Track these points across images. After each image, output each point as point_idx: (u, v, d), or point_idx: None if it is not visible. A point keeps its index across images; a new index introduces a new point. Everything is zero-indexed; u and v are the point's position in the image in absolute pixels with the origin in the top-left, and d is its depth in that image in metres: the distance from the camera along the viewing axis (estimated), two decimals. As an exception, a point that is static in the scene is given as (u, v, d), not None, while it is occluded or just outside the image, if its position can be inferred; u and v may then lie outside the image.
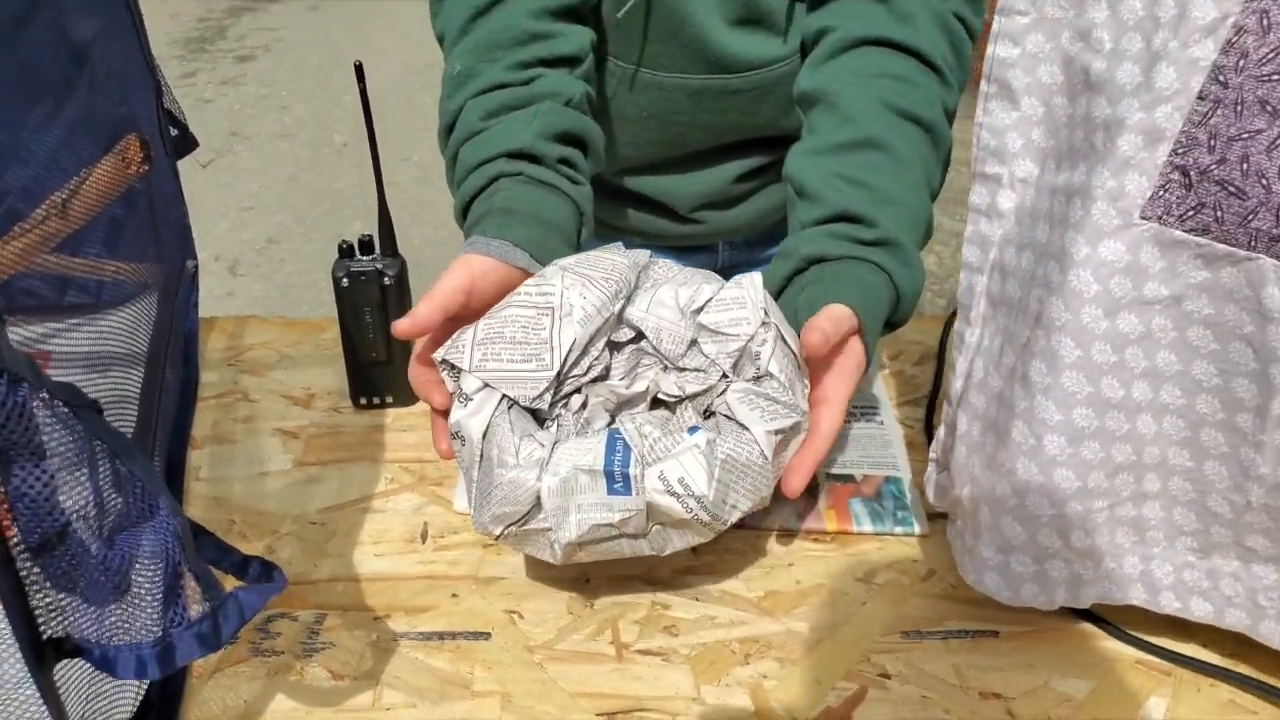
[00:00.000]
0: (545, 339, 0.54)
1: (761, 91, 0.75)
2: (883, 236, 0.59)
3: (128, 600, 0.38)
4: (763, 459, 0.51)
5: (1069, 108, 0.49)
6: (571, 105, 0.66)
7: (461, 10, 0.67)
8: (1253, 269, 0.44)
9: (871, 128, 0.62)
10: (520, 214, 0.62)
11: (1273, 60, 0.42)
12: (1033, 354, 0.48)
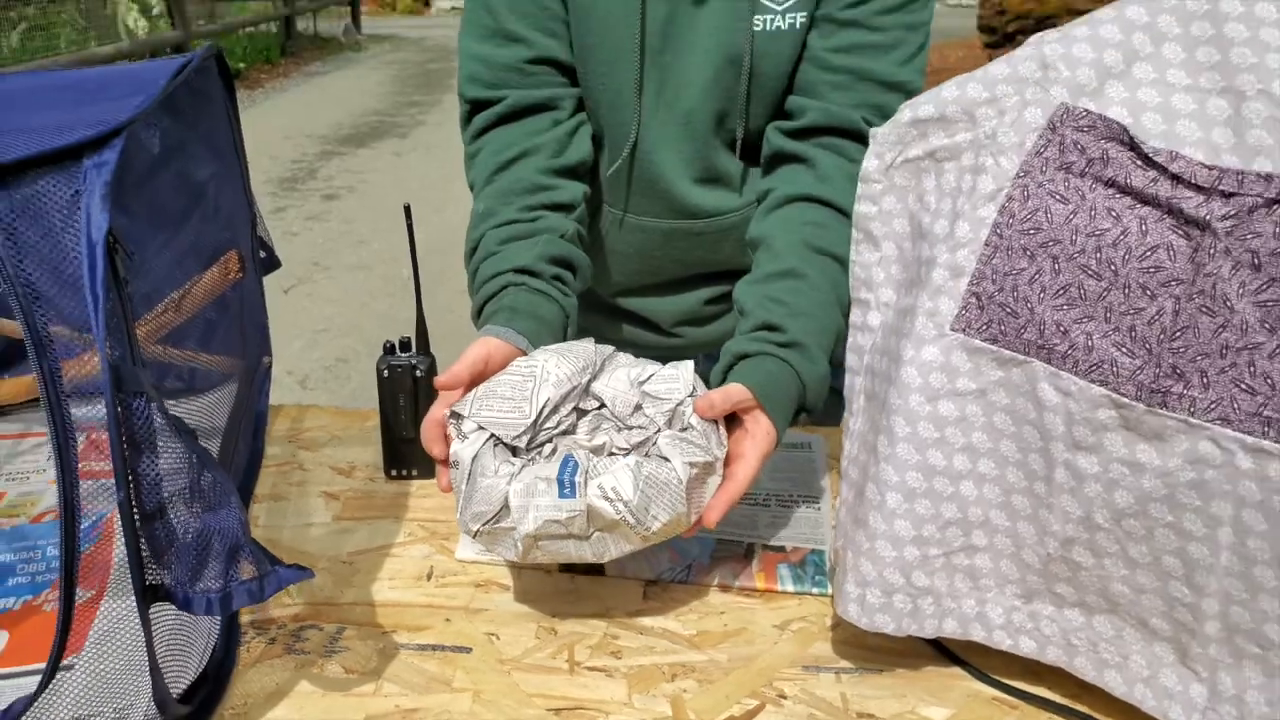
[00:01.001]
0: (527, 396, 0.72)
1: (721, 234, 0.94)
2: (791, 340, 0.76)
3: (203, 560, 0.55)
4: (678, 482, 0.67)
5: (913, 250, 0.66)
6: (565, 238, 0.86)
7: (488, 166, 0.89)
8: (1028, 369, 0.60)
9: (793, 262, 0.80)
10: (522, 312, 0.81)
11: (1030, 220, 0.59)
12: (879, 430, 0.64)
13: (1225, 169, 0.53)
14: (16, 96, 0.74)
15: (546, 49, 0.89)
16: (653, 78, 0.88)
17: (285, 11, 10.19)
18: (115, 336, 0.52)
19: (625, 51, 0.87)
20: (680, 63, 0.87)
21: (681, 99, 0.89)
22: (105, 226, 0.52)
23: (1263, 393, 0.53)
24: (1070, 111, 0.59)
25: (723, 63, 0.86)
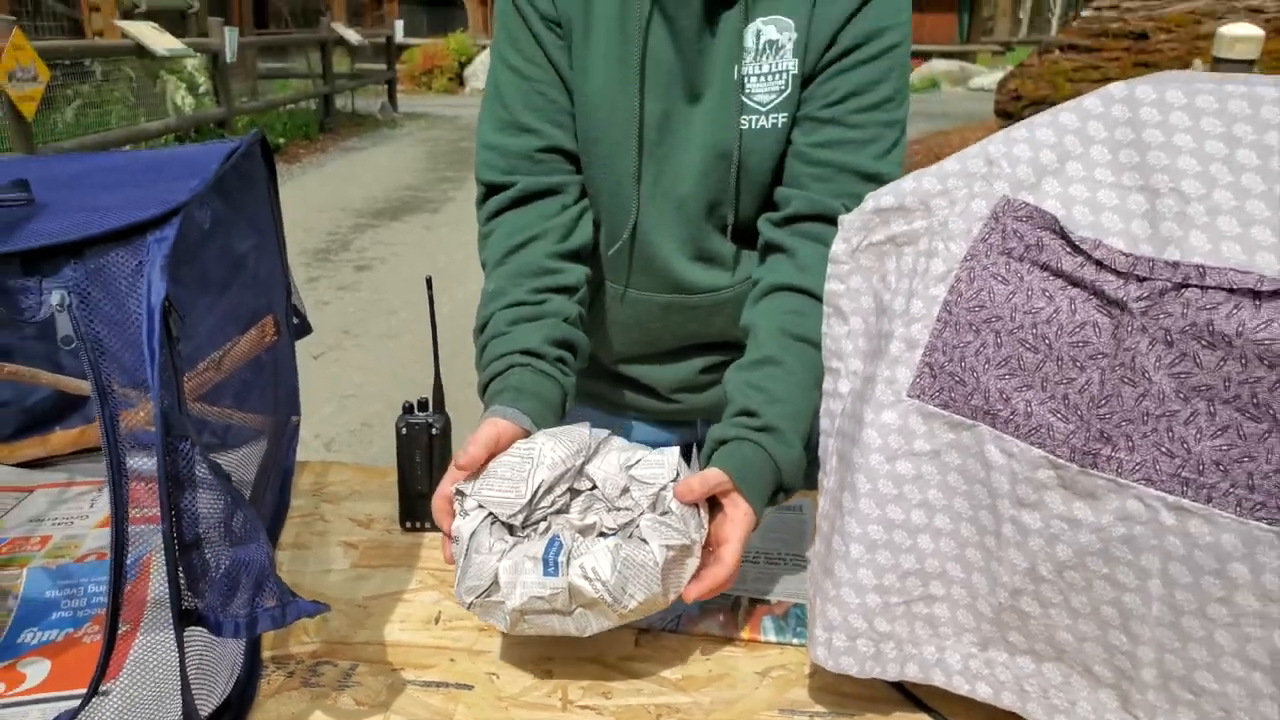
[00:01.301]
0: (524, 477, 0.78)
1: (714, 309, 1.02)
2: (766, 424, 0.83)
3: (233, 589, 0.62)
4: (654, 564, 0.73)
5: (876, 324, 0.73)
6: (568, 322, 0.93)
7: (500, 248, 0.97)
8: (976, 433, 0.66)
9: (772, 349, 0.87)
10: (527, 393, 0.88)
11: (976, 298, 0.66)
12: (844, 487, 0.70)
13: (1140, 257, 0.61)
14: (86, 176, 0.83)
15: (555, 139, 0.97)
16: (650, 169, 0.97)
17: (325, 90, 10.58)
18: (166, 387, 0.60)
19: (625, 144, 0.96)
20: (675, 155, 0.96)
21: (676, 188, 0.97)
22: (163, 293, 0.60)
23: (1180, 455, 0.59)
24: (1011, 203, 0.66)
25: (713, 157, 0.95)
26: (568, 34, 0.95)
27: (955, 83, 17.17)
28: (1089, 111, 0.66)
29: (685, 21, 0.92)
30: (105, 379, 0.60)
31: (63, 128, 6.55)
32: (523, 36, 0.96)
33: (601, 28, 0.93)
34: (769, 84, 0.92)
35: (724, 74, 0.92)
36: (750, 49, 0.92)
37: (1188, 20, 4.14)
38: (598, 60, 0.94)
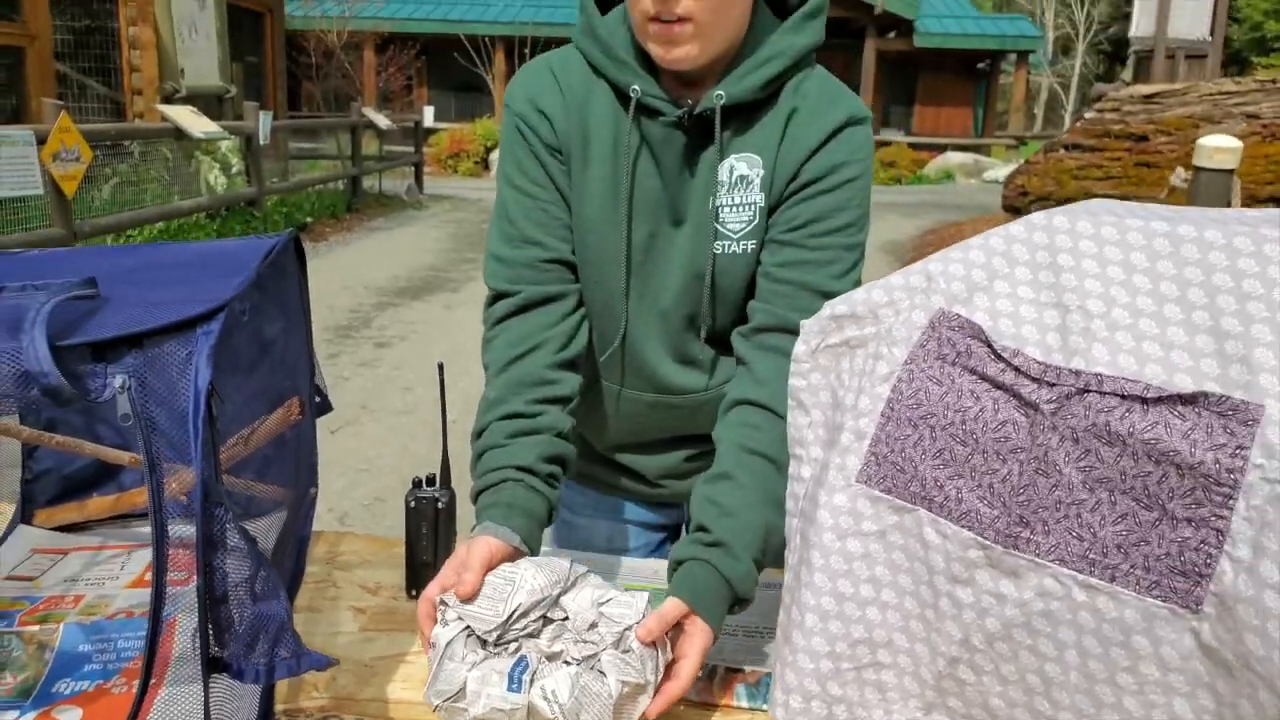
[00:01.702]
0: (504, 598, 0.85)
1: (696, 408, 1.12)
2: (716, 540, 0.90)
3: (254, 639, 0.70)
4: (609, 696, 0.80)
5: (834, 417, 0.82)
6: (560, 436, 1.01)
7: (503, 355, 1.05)
8: (915, 516, 0.74)
9: (728, 464, 0.95)
10: (518, 509, 0.95)
11: (914, 397, 0.75)
12: (802, 562, 0.79)
13: (1050, 365, 0.70)
14: (143, 271, 0.94)
15: (558, 251, 1.07)
16: (636, 285, 1.07)
17: (353, 172, 10.93)
18: (207, 460, 0.70)
19: (615, 264, 1.06)
20: (658, 273, 1.07)
21: (659, 301, 1.08)
22: (208, 379, 0.70)
23: (1087, 539, 0.67)
24: (946, 315, 0.76)
25: (691, 277, 1.05)
26: (567, 160, 1.06)
27: (970, 175, 17.49)
28: (1014, 237, 0.76)
29: (669, 157, 1.02)
30: (155, 451, 0.69)
31: (100, 204, 6.79)
32: (527, 160, 1.06)
33: (597, 159, 1.04)
34: (739, 214, 1.02)
35: (700, 203, 1.03)
36: (724, 182, 1.02)
37: (1186, 124, 4.30)
38: (593, 187, 1.05)
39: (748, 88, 0.99)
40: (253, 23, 11.78)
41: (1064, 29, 30.39)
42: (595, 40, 1.03)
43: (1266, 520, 0.61)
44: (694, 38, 0.94)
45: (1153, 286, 0.69)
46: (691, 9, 0.92)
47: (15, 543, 1.20)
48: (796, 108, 1.01)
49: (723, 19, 0.95)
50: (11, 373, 0.65)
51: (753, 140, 1.02)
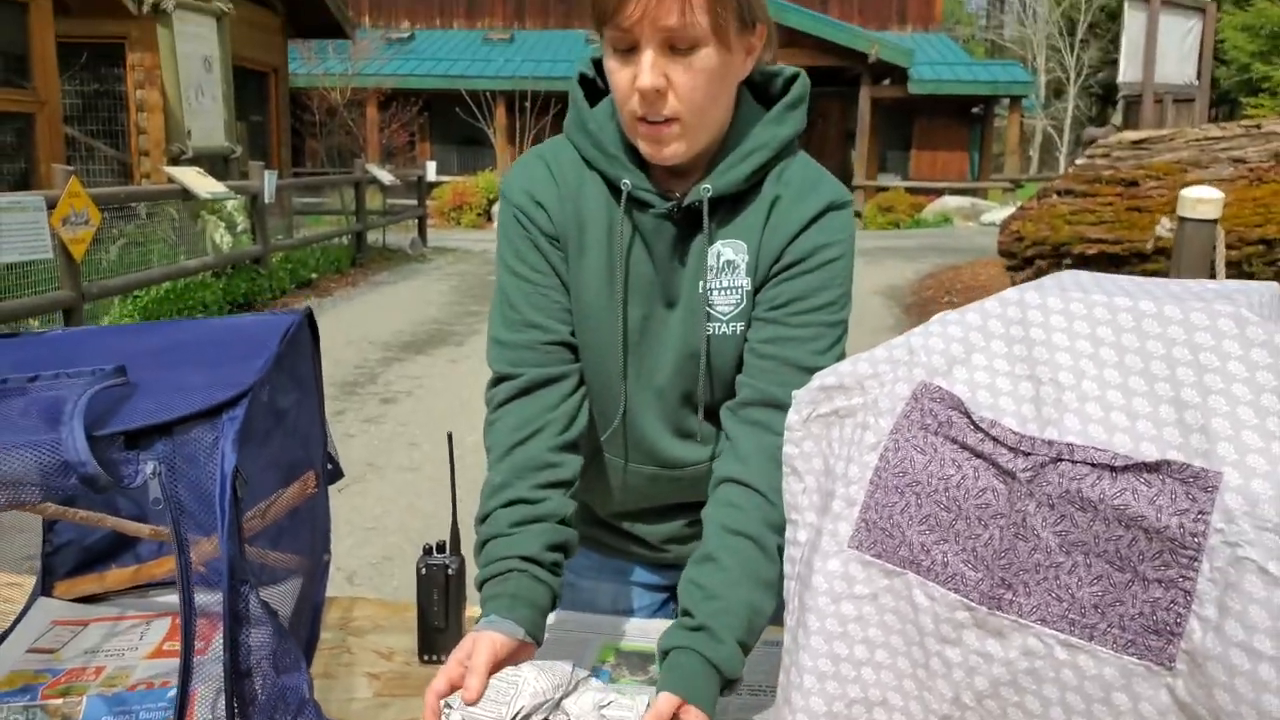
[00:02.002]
0: (507, 701, 0.88)
1: (694, 480, 1.16)
2: (699, 624, 0.93)
3: (275, 710, 0.74)
4: None
5: (826, 484, 0.86)
6: (563, 523, 1.05)
7: (506, 439, 1.08)
8: (905, 579, 0.78)
9: (711, 546, 0.99)
10: (522, 600, 0.97)
11: (900, 466, 0.79)
12: (800, 624, 0.82)
13: (1025, 435, 0.74)
14: (167, 352, 0.99)
15: (559, 334, 1.10)
16: (633, 364, 1.12)
17: (358, 227, 11.07)
18: (232, 539, 0.74)
19: (613, 347, 1.11)
20: (654, 353, 1.11)
21: (656, 379, 1.12)
22: (234, 463, 0.75)
23: (1066, 599, 0.71)
24: (927, 387, 0.80)
25: (685, 356, 1.10)
26: (564, 247, 1.11)
27: (967, 218, 17.65)
28: (989, 312, 0.81)
29: (660, 245, 1.08)
30: (183, 532, 0.74)
31: (107, 265, 6.89)
32: (526, 248, 1.11)
33: (592, 247, 1.09)
34: (728, 297, 1.08)
35: (691, 287, 1.08)
36: (712, 267, 1.07)
37: (1174, 169, 4.38)
38: (589, 274, 1.10)
39: (733, 180, 1.05)
40: (257, 83, 12.01)
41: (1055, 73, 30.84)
42: (586, 134, 1.09)
43: (1229, 581, 0.65)
44: (681, 136, 1.00)
45: (1118, 359, 0.73)
46: (678, 109, 0.98)
47: (36, 615, 1.23)
48: (779, 195, 1.07)
49: (707, 117, 1.01)
50: (52, 463, 0.69)
51: (738, 227, 1.07)
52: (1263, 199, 3.96)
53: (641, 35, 0.95)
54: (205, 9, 8.65)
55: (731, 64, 1.00)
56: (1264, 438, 0.67)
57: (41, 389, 0.81)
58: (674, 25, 0.94)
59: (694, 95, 0.98)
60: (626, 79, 0.98)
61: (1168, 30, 8.00)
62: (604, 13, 0.96)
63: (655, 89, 0.96)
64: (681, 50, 0.96)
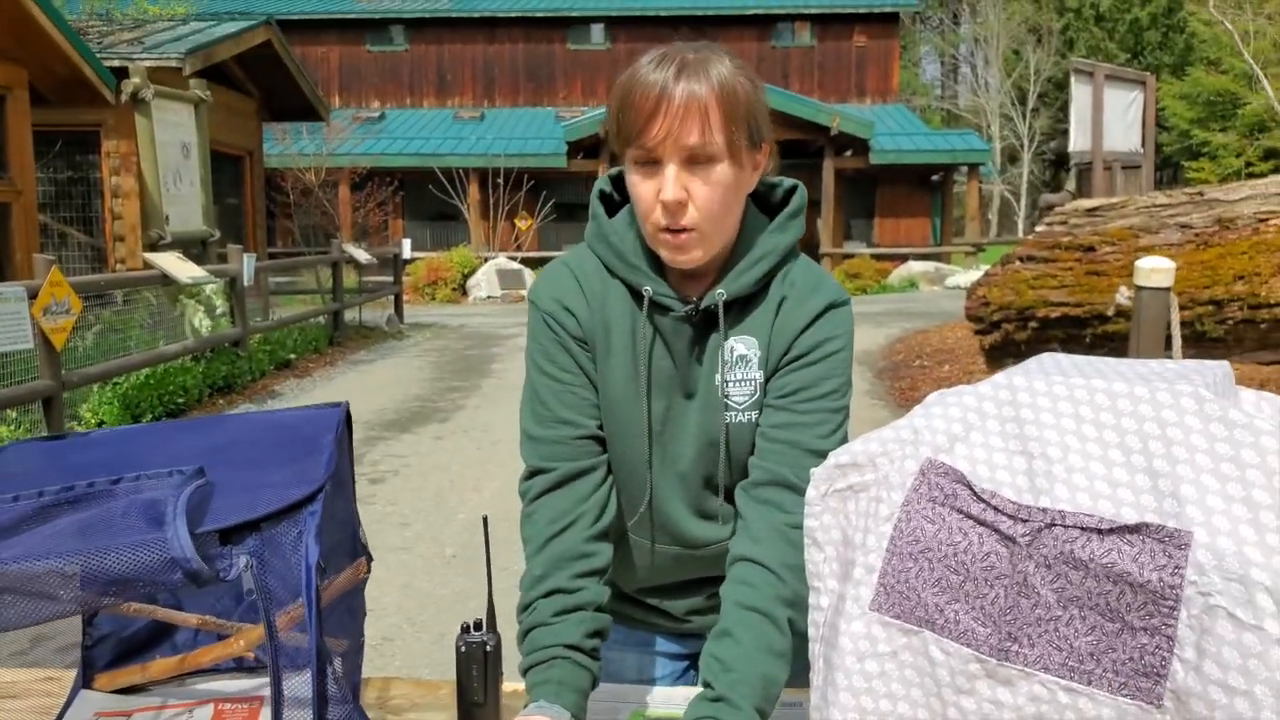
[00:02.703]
0: None
1: (715, 557, 1.24)
2: (719, 695, 1.02)
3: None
4: None
5: (846, 553, 0.96)
6: (600, 610, 1.13)
7: (543, 531, 1.16)
8: (921, 637, 0.87)
9: (728, 622, 1.08)
10: (568, 685, 1.06)
11: (912, 535, 0.89)
12: (828, 682, 0.91)
13: (1021, 504, 0.84)
14: (226, 450, 1.06)
15: (588, 428, 1.20)
16: (657, 452, 1.22)
17: (335, 306, 11.15)
18: (318, 626, 0.82)
19: (638, 438, 1.21)
20: (676, 441, 1.22)
21: (678, 465, 1.23)
22: (316, 555, 0.83)
23: (1065, 649, 0.80)
24: (933, 463, 0.91)
25: (705, 444, 1.21)
26: (592, 349, 1.21)
27: (932, 282, 18.04)
28: (983, 395, 0.92)
29: (679, 343, 1.19)
30: (272, 618, 0.81)
31: (83, 352, 6.90)
32: (556, 351, 1.21)
33: (617, 348, 1.20)
34: (742, 389, 1.18)
35: (707, 381, 1.19)
36: (727, 361, 1.18)
37: (1127, 235, 4.59)
38: (615, 372, 1.20)
39: (744, 284, 1.17)
40: (233, 167, 12.18)
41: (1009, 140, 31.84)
42: (608, 245, 1.20)
43: (1205, 627, 0.74)
44: (699, 243, 1.11)
45: (1098, 435, 0.84)
46: (696, 219, 1.09)
47: (80, 708, 1.28)
48: (785, 296, 1.19)
49: (722, 225, 1.13)
50: (160, 560, 0.77)
51: (749, 325, 1.19)
52: (1209, 262, 4.17)
53: (664, 153, 1.07)
54: (184, 97, 8.83)
55: (742, 178, 1.12)
56: (1225, 501, 0.77)
57: (127, 490, 0.89)
58: (694, 144, 1.06)
59: (711, 206, 1.09)
60: (650, 192, 1.09)
61: (1112, 102, 8.40)
62: (630, 134, 1.07)
63: (678, 201, 1.07)
64: (700, 166, 1.07)
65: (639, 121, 1.06)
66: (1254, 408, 0.85)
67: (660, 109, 1.05)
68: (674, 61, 1.06)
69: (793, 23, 23.54)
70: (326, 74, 23.18)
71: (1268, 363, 4.79)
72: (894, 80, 24.19)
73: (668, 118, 1.05)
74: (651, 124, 1.05)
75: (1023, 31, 31.85)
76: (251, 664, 1.34)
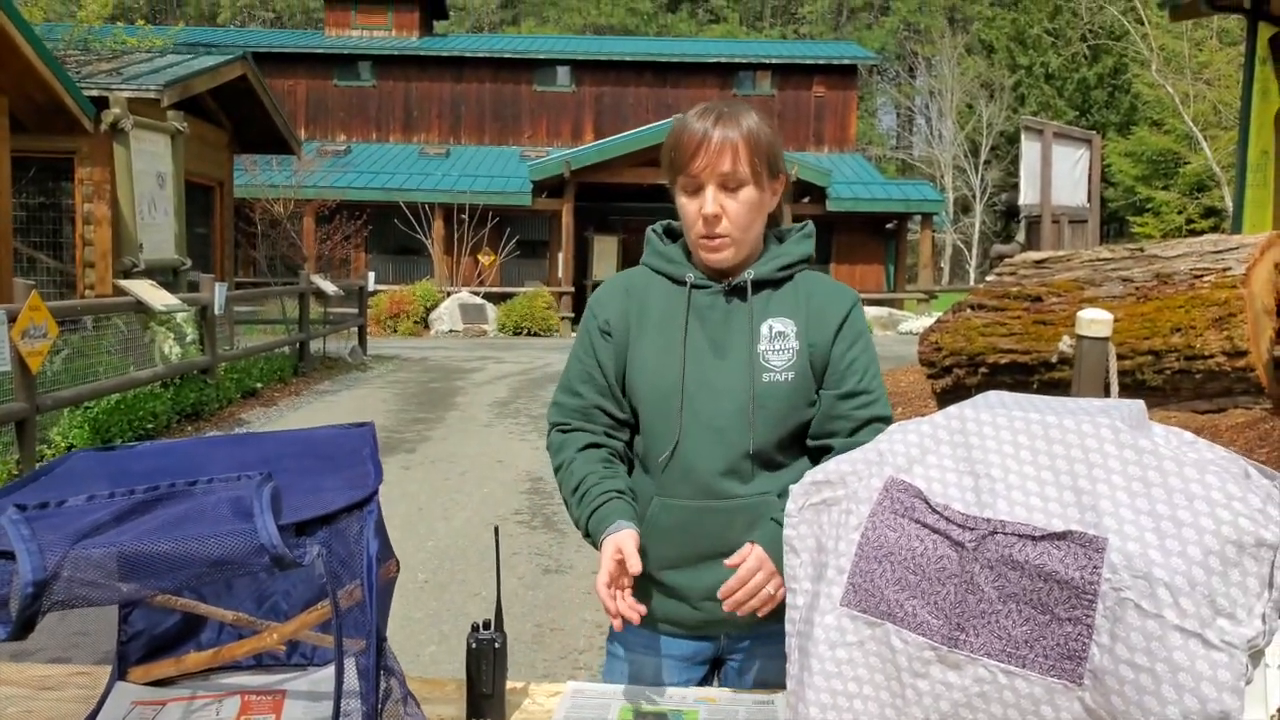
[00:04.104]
0: None
1: (734, 513, 1.44)
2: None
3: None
4: None
5: (820, 558, 1.12)
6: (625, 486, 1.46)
7: (572, 446, 1.51)
8: (884, 628, 1.03)
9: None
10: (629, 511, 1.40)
11: (877, 542, 1.05)
12: (803, 668, 1.06)
13: (970, 515, 1.01)
14: (276, 462, 1.20)
15: (595, 401, 1.52)
16: (689, 407, 1.45)
17: (301, 336, 11.17)
18: (375, 606, 0.96)
19: (671, 393, 1.46)
20: (710, 400, 1.45)
21: (714, 421, 1.45)
22: (376, 547, 0.97)
23: (1005, 637, 0.97)
24: (895, 481, 1.07)
25: (741, 403, 1.44)
26: (628, 330, 1.51)
27: (885, 327, 18.44)
28: (938, 424, 1.09)
29: (715, 314, 1.48)
30: (339, 600, 0.95)
31: (51, 376, 6.89)
32: (584, 340, 1.56)
33: (652, 326, 1.50)
34: (781, 356, 1.46)
35: (748, 349, 1.46)
36: (766, 336, 1.46)
37: (1072, 286, 4.86)
38: (651, 344, 1.49)
39: (769, 270, 1.49)
40: (203, 196, 12.20)
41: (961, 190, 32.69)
42: (659, 255, 1.55)
43: (1117, 616, 0.91)
44: (729, 246, 1.45)
45: (1033, 459, 1.01)
46: (728, 229, 1.44)
47: (117, 698, 1.39)
48: (812, 291, 1.50)
49: (746, 235, 1.46)
50: (250, 547, 0.91)
51: (781, 307, 1.48)
52: (1149, 315, 4.43)
53: (705, 179, 1.42)
54: (161, 128, 8.89)
55: (763, 199, 1.47)
56: (1134, 513, 0.95)
57: (204, 491, 1.02)
58: (727, 171, 1.41)
59: (740, 219, 1.44)
60: (695, 209, 1.44)
61: (1060, 159, 8.80)
62: (680, 165, 1.43)
63: (715, 215, 1.42)
64: (731, 189, 1.43)
65: (686, 155, 1.42)
66: (1161, 438, 1.03)
67: (702, 147, 1.41)
68: (714, 113, 1.44)
69: (754, 72, 24.13)
70: (293, 106, 23.24)
71: (1203, 411, 5.06)
72: (851, 130, 24.83)
73: (708, 154, 1.41)
74: (696, 158, 1.41)
75: (976, 86, 32.90)
76: (270, 662, 1.46)
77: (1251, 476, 0.97)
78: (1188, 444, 1.01)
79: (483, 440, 7.23)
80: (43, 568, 0.83)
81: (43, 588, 0.83)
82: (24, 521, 0.87)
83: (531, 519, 5.14)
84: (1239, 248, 4.57)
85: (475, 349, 14.77)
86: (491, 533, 4.79)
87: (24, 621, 0.81)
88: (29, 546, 0.83)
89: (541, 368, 12.32)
